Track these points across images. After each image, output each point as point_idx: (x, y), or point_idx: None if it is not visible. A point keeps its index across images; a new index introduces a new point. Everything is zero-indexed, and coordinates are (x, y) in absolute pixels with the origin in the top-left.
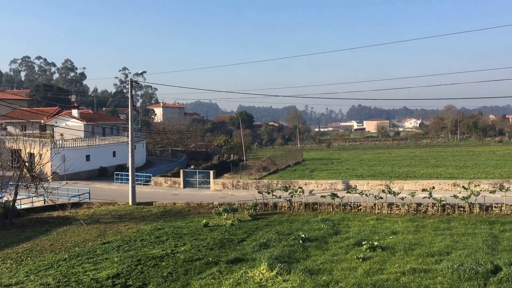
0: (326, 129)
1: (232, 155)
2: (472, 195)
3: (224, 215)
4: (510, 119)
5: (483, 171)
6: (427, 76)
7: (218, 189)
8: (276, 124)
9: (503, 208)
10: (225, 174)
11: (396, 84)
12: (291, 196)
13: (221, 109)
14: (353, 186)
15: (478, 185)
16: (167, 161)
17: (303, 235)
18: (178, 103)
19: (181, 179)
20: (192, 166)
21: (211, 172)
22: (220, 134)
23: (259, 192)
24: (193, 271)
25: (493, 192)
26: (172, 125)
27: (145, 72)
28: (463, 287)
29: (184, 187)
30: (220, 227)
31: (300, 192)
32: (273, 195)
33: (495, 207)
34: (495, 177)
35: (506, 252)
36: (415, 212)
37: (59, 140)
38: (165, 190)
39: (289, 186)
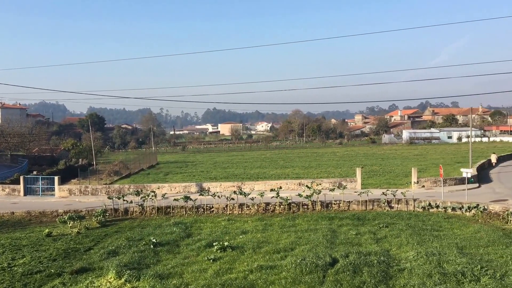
0: (181, 132)
1: (81, 160)
2: (314, 194)
3: (69, 223)
4: (349, 123)
5: (325, 171)
6: (277, 81)
7: (64, 196)
8: (130, 127)
9: (341, 204)
10: (72, 180)
11: (249, 88)
12: (143, 201)
13: (69, 111)
14: (206, 189)
15: (320, 184)
16: (5, 167)
17: (154, 240)
18: (19, 104)
19: (21, 186)
20: (34, 172)
21: (56, 178)
22: (68, 137)
23: (109, 198)
24: (32, 285)
25: (332, 190)
26: (12, 128)
27: None
28: (304, 280)
29: (25, 194)
30: (65, 236)
31: (152, 196)
32: (124, 200)
33: (334, 203)
34: (335, 176)
35: (343, 245)
36: (264, 211)
37: None
38: (2, 199)
39: (142, 191)
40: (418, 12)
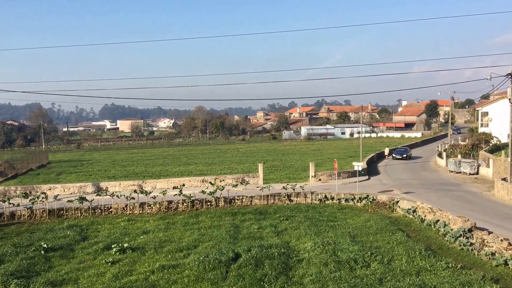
0: (76, 129)
1: None
2: (218, 190)
3: None
4: (251, 120)
5: (228, 167)
6: (180, 77)
7: None
8: (16, 123)
9: (243, 200)
10: None
11: (149, 83)
12: (33, 203)
13: None
14: (104, 188)
15: (223, 180)
16: None
17: (45, 245)
18: None
19: None
20: None
21: None
22: None
23: None
24: None
25: (235, 186)
26: None
27: None
28: (207, 277)
29: None
30: None
31: (43, 198)
32: (10, 203)
33: (237, 199)
34: (238, 172)
35: (245, 239)
36: (166, 210)
37: None
38: None
39: (31, 192)
40: (317, 16)
